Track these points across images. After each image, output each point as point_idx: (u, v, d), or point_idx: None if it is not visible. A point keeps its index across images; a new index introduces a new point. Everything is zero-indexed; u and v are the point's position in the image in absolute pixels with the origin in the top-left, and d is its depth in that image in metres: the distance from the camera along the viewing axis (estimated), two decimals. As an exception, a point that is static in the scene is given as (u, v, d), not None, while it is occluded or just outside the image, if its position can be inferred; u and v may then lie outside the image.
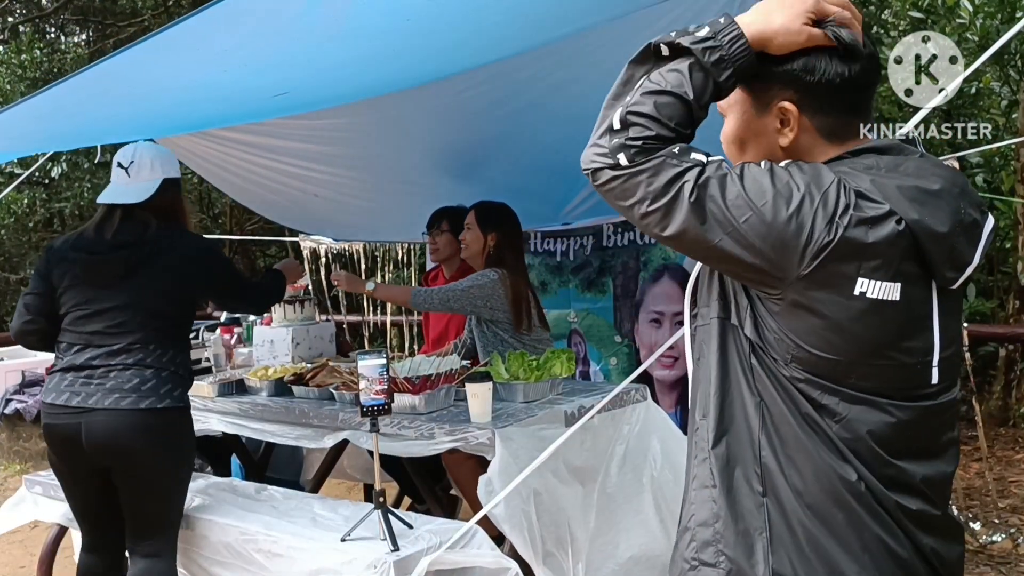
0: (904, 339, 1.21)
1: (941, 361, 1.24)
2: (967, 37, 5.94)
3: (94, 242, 2.71)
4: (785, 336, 1.20)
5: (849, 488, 1.20)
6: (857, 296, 1.17)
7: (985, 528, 4.31)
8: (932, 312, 1.23)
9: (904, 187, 1.19)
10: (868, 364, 1.20)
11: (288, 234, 7.94)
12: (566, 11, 2.58)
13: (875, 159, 1.24)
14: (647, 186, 1.20)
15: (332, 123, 3.82)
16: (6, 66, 8.55)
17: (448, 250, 3.99)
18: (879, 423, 1.21)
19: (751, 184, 1.18)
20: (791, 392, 1.22)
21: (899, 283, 1.18)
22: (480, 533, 2.45)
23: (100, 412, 2.55)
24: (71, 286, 2.68)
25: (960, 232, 1.22)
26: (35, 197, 9.30)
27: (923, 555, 1.25)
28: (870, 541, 1.21)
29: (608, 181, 1.23)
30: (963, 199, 1.24)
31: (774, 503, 1.22)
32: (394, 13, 2.29)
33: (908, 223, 1.17)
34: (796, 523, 1.21)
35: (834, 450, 1.21)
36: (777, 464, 1.23)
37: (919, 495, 1.25)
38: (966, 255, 1.23)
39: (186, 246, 2.76)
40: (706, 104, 1.24)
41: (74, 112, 2.87)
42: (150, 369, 2.62)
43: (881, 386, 1.21)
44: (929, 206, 1.19)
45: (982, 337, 6.40)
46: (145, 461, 2.61)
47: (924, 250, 1.18)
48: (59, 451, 2.67)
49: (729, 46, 1.22)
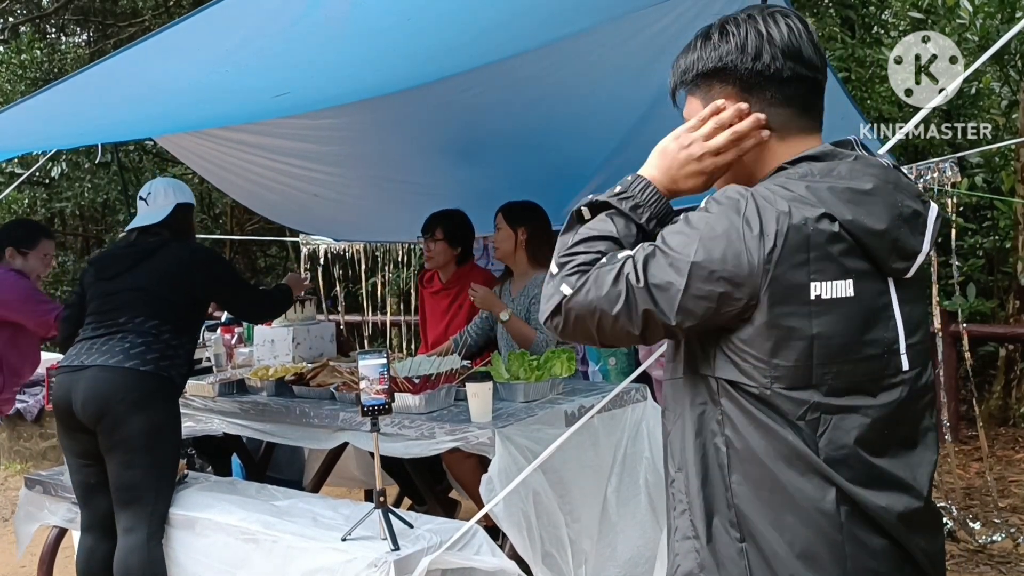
0: (867, 331, 1.25)
1: (909, 348, 1.28)
2: (967, 37, 5.95)
3: (112, 248, 3.18)
4: (762, 359, 1.23)
5: (830, 522, 1.23)
6: (814, 300, 1.22)
7: (985, 528, 4.32)
8: (892, 302, 1.28)
9: (836, 189, 1.25)
10: (839, 362, 1.23)
11: (288, 234, 7.95)
12: (567, 11, 2.58)
13: (809, 167, 1.29)
14: (598, 296, 1.26)
15: (332, 123, 3.83)
16: (6, 66, 8.56)
17: (443, 258, 3.98)
18: (861, 425, 1.24)
19: (677, 242, 1.24)
20: (770, 427, 1.24)
21: (850, 280, 1.23)
22: (480, 533, 2.45)
23: (90, 369, 2.88)
24: (92, 283, 3.12)
25: (901, 224, 1.27)
26: (35, 197, 9.31)
27: (913, 560, 1.27)
28: (855, 570, 1.23)
29: (566, 316, 1.29)
30: (898, 193, 1.29)
31: (753, 548, 1.25)
32: (395, 13, 2.29)
33: (842, 223, 1.22)
34: (778, 565, 1.24)
35: (816, 475, 1.23)
36: (753, 509, 1.25)
37: (905, 491, 1.27)
38: (912, 245, 1.28)
39: (189, 247, 3.16)
40: (632, 244, 1.32)
41: (75, 111, 2.87)
42: (143, 338, 2.94)
43: (855, 382, 1.25)
44: (864, 205, 1.24)
45: (982, 337, 6.40)
46: (121, 418, 2.82)
47: (865, 246, 1.24)
48: (59, 415, 2.94)
49: (640, 193, 1.34)
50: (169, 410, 2.97)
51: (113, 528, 2.90)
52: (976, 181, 6.84)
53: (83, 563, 2.97)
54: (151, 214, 3.18)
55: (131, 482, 2.85)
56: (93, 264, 3.27)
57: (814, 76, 1.34)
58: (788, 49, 1.31)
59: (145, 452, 2.85)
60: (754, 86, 1.32)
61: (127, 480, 2.85)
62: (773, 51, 1.31)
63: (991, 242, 6.97)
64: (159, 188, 3.23)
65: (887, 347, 1.26)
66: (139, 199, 3.27)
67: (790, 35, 1.31)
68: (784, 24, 1.32)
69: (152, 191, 3.23)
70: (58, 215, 10.66)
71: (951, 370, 5.84)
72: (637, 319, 1.25)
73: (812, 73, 1.33)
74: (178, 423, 3.01)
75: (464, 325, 3.89)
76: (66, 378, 2.91)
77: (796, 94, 1.33)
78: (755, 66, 1.31)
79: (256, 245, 10.52)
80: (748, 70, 1.32)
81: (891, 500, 1.25)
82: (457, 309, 4.04)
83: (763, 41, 1.31)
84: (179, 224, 3.19)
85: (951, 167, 4.09)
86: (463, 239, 4.01)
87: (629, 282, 1.24)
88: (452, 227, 3.97)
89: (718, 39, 1.35)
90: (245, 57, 2.43)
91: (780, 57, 1.31)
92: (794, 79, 1.32)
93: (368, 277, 6.76)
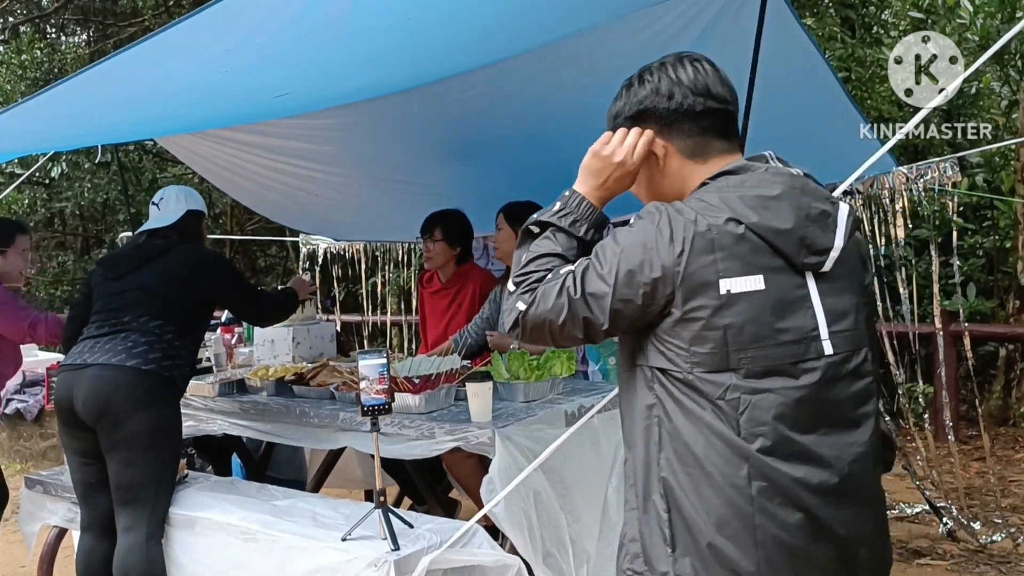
0: (778, 320, 1.41)
1: (832, 335, 1.44)
2: (967, 37, 5.95)
3: (120, 249, 3.23)
4: (683, 347, 1.41)
5: (741, 495, 1.38)
6: (724, 294, 1.40)
7: (985, 528, 4.32)
8: (810, 294, 1.44)
9: (746, 196, 1.44)
10: (754, 348, 1.40)
11: (288, 234, 7.95)
12: (568, 11, 2.58)
13: (725, 180, 1.50)
14: (545, 309, 1.48)
15: (333, 123, 3.82)
16: (6, 66, 8.56)
17: (442, 258, 3.99)
18: (781, 404, 1.39)
19: (605, 256, 1.46)
20: (693, 408, 1.41)
21: (759, 275, 1.41)
22: (480, 532, 2.45)
23: (92, 367, 2.88)
24: (98, 283, 3.15)
25: (808, 223, 1.45)
26: (35, 197, 9.31)
27: (828, 530, 1.40)
28: (764, 540, 1.38)
29: (523, 327, 1.52)
30: (805, 196, 1.47)
31: (678, 517, 1.42)
32: (395, 13, 2.29)
33: (748, 225, 1.41)
34: (697, 533, 1.40)
35: (731, 451, 1.39)
36: (677, 483, 1.42)
37: (824, 467, 1.40)
38: (822, 241, 1.46)
39: (197, 250, 3.18)
40: (575, 257, 1.54)
41: (75, 112, 2.87)
42: (145, 337, 2.94)
43: (774, 365, 1.40)
44: (771, 209, 1.44)
45: (982, 337, 6.40)
46: (123, 417, 2.82)
47: (773, 244, 1.42)
48: (60, 413, 2.95)
49: (576, 208, 1.60)
50: (170, 410, 2.97)
51: (113, 527, 2.90)
52: (976, 181, 6.84)
53: (83, 562, 2.98)
54: (161, 218, 3.21)
55: (131, 481, 2.85)
56: (101, 264, 3.30)
57: (724, 107, 1.56)
58: (695, 87, 1.54)
59: (146, 451, 2.85)
60: (672, 122, 1.55)
61: (127, 479, 2.85)
62: (683, 91, 1.54)
63: (991, 242, 6.97)
64: (171, 194, 3.28)
65: (806, 334, 1.42)
66: (151, 204, 3.31)
67: (696, 75, 1.55)
68: (691, 67, 1.56)
69: (164, 197, 3.27)
70: (58, 215, 10.66)
71: (951, 370, 5.84)
72: (579, 324, 1.46)
73: (722, 105, 1.56)
74: (179, 423, 3.01)
75: (464, 325, 3.89)
76: (68, 376, 2.92)
77: (710, 124, 1.56)
78: (670, 105, 1.55)
79: (256, 245, 10.52)
80: (665, 109, 1.55)
81: (807, 473, 1.39)
82: (457, 309, 4.04)
83: (674, 84, 1.55)
84: (188, 229, 3.22)
85: (951, 167, 4.09)
86: (462, 239, 4.02)
87: (569, 294, 1.46)
88: (451, 227, 3.97)
89: (638, 86, 1.59)
90: (245, 57, 2.43)
91: (690, 95, 1.54)
92: (706, 112, 1.55)
93: (368, 277, 6.77)
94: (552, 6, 2.53)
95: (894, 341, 4.38)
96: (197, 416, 3.40)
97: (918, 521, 4.56)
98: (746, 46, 2.79)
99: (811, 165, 3.22)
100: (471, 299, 3.97)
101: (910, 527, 4.48)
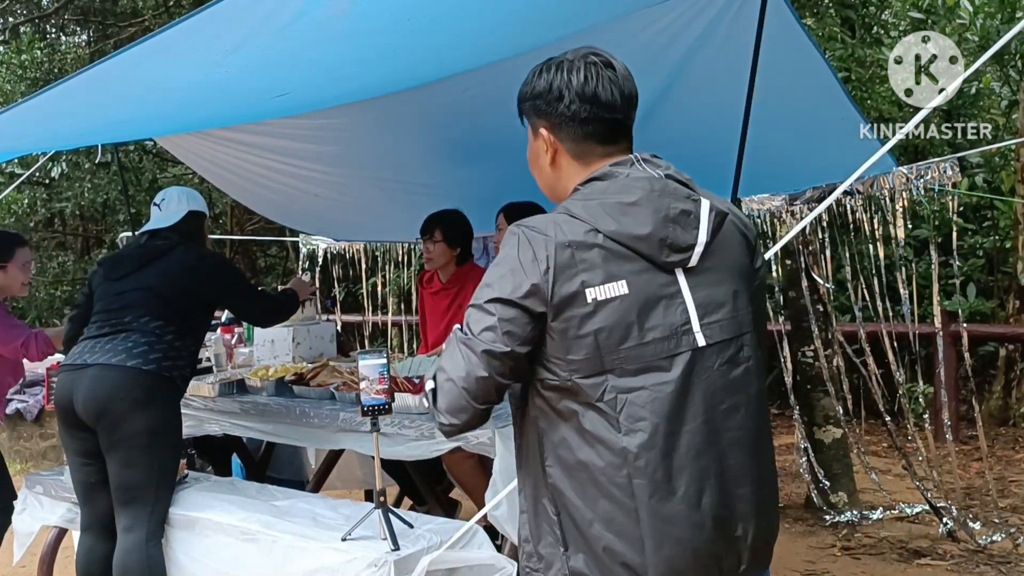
0: (645, 320, 1.47)
1: (705, 326, 1.50)
2: (967, 37, 5.95)
3: (122, 250, 3.23)
4: (561, 356, 1.47)
5: (623, 493, 1.45)
6: (590, 303, 1.45)
7: (985, 528, 4.32)
8: (680, 290, 1.50)
9: (606, 204, 1.50)
10: (625, 349, 1.46)
11: (288, 234, 7.95)
12: (568, 11, 2.58)
13: (592, 186, 1.54)
14: (461, 377, 1.52)
15: (333, 123, 3.82)
16: (6, 66, 8.55)
17: (442, 259, 3.99)
18: (655, 398, 1.46)
19: (480, 296, 1.53)
20: (574, 413, 1.48)
21: (622, 280, 1.47)
22: (480, 533, 2.45)
23: (92, 367, 2.89)
24: (100, 283, 3.15)
25: (668, 224, 1.50)
26: (35, 197, 9.30)
27: (712, 516, 1.47)
28: (649, 533, 1.45)
29: (466, 425, 1.58)
30: (664, 198, 1.52)
31: (567, 517, 1.50)
32: (395, 12, 2.29)
33: (606, 233, 1.47)
34: (586, 529, 1.48)
35: (611, 453, 1.46)
36: (564, 486, 1.50)
37: (704, 454, 1.48)
38: (684, 239, 1.51)
39: (198, 251, 3.19)
40: None
41: (75, 112, 2.87)
42: (146, 337, 2.95)
43: (646, 363, 1.47)
44: (629, 215, 1.49)
45: (982, 337, 6.41)
46: (122, 417, 2.83)
47: (633, 249, 1.48)
48: (60, 413, 2.95)
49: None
50: (170, 410, 2.97)
51: (113, 528, 2.91)
52: (976, 181, 6.84)
53: (83, 563, 2.98)
54: (163, 218, 3.22)
55: (131, 481, 2.85)
56: (102, 264, 3.30)
57: (610, 116, 1.57)
58: (583, 94, 1.55)
59: (145, 451, 2.85)
60: (560, 123, 1.59)
61: (127, 479, 2.85)
62: (571, 95, 1.56)
63: (991, 242, 6.97)
64: (173, 195, 3.28)
65: (675, 329, 1.48)
66: (152, 205, 3.31)
67: (587, 80, 1.55)
68: (585, 71, 1.56)
69: (166, 198, 3.27)
70: (58, 215, 10.66)
71: (951, 370, 5.84)
72: (495, 365, 1.48)
73: (608, 114, 1.57)
74: (179, 423, 3.01)
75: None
76: (68, 376, 2.93)
77: (593, 131, 1.58)
78: (558, 108, 1.58)
79: (256, 245, 10.52)
80: (554, 110, 1.58)
81: (685, 463, 1.46)
82: (457, 309, 4.04)
83: (564, 86, 1.57)
84: (189, 230, 3.22)
85: (951, 167, 4.09)
86: (462, 239, 4.02)
87: (469, 345, 1.50)
88: (451, 228, 3.97)
89: (537, 79, 1.62)
90: (245, 57, 2.42)
91: (577, 101, 1.55)
92: (591, 119, 1.56)
93: (368, 277, 6.77)
94: (552, 6, 2.52)
95: (894, 341, 4.39)
96: (197, 416, 3.40)
97: (918, 521, 4.56)
98: (746, 46, 2.79)
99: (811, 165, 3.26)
100: (472, 299, 3.97)
101: (910, 527, 4.48)
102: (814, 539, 4.40)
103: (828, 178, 4.06)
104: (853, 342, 5.12)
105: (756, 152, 2.92)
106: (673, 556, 1.45)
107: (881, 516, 4.63)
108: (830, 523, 4.56)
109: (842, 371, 4.75)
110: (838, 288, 5.63)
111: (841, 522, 4.56)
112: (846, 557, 4.15)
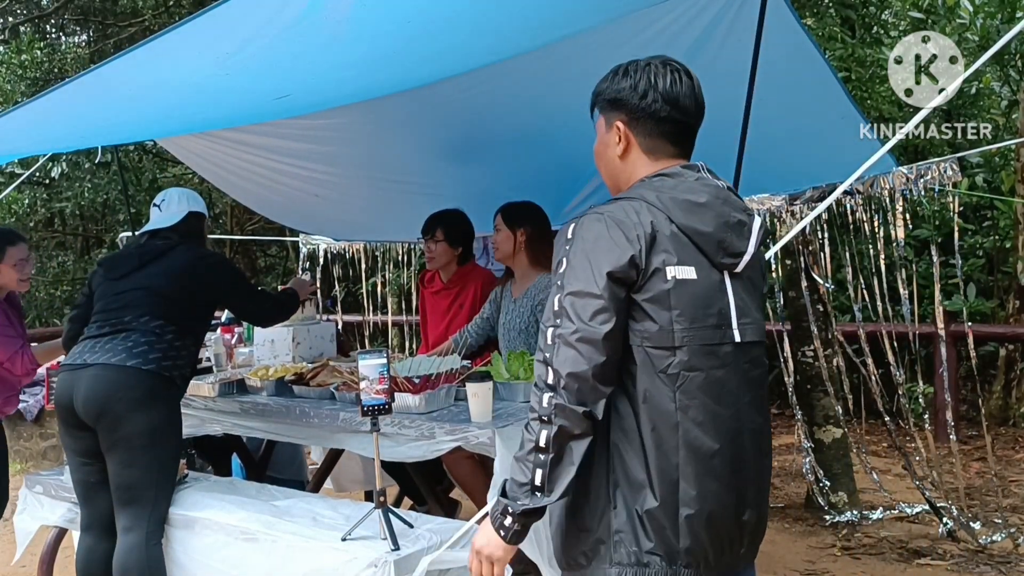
0: (707, 305, 1.64)
1: (740, 325, 1.68)
2: (967, 37, 5.95)
3: (122, 249, 3.23)
4: (639, 326, 1.61)
5: (670, 463, 1.60)
6: (670, 280, 1.61)
7: (985, 528, 4.31)
8: (726, 288, 1.68)
9: (677, 199, 1.66)
10: (690, 327, 1.61)
11: (288, 234, 7.95)
12: (568, 11, 2.58)
13: (662, 180, 1.70)
14: (582, 358, 1.59)
15: (333, 123, 3.82)
16: (6, 66, 8.55)
17: (444, 258, 3.99)
18: (705, 379, 1.62)
19: (575, 281, 1.60)
20: (640, 381, 1.61)
21: (692, 267, 1.64)
22: (480, 533, 2.44)
23: (92, 367, 2.89)
24: (99, 283, 3.16)
25: (727, 230, 1.68)
26: (35, 197, 9.31)
27: (736, 495, 1.65)
28: (687, 501, 1.61)
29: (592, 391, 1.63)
30: (726, 206, 1.70)
31: (622, 479, 1.63)
32: (395, 15, 2.29)
33: (678, 224, 1.64)
34: (633, 495, 1.62)
35: (667, 422, 1.61)
36: (620, 449, 1.63)
37: (732, 440, 1.64)
38: (737, 246, 1.69)
39: (198, 251, 3.19)
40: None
41: (75, 114, 2.87)
42: (146, 337, 2.95)
43: (704, 344, 1.62)
44: (697, 213, 1.66)
45: (982, 337, 6.40)
46: (122, 416, 2.83)
47: (696, 244, 1.65)
48: (60, 413, 2.95)
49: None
50: (170, 410, 2.98)
51: (113, 527, 2.91)
52: (976, 181, 6.85)
53: (83, 562, 2.98)
54: (163, 219, 3.22)
55: (131, 481, 2.85)
56: (102, 264, 3.30)
57: (685, 120, 1.75)
58: (667, 95, 1.71)
59: (145, 451, 2.85)
60: (640, 117, 1.74)
61: (127, 479, 2.85)
62: (656, 95, 1.71)
63: (991, 242, 6.98)
64: (173, 196, 3.29)
65: (724, 320, 1.66)
66: (152, 206, 3.32)
67: (672, 85, 1.72)
68: (670, 76, 1.72)
69: (166, 199, 3.28)
70: (58, 215, 10.67)
71: (952, 370, 5.84)
72: (613, 347, 1.58)
73: (683, 117, 1.74)
74: (179, 423, 3.02)
75: (464, 325, 3.89)
76: (68, 376, 2.93)
77: (669, 130, 1.74)
78: (641, 103, 1.72)
79: (256, 245, 10.53)
80: (636, 105, 1.73)
81: (717, 442, 1.62)
82: (458, 309, 4.04)
83: (650, 86, 1.72)
84: (189, 230, 3.22)
85: (951, 167, 4.09)
86: (463, 239, 4.02)
87: (584, 335, 1.56)
88: (452, 227, 3.97)
89: (622, 77, 1.75)
90: (246, 59, 2.43)
91: (660, 100, 1.71)
92: (668, 119, 1.73)
93: (368, 277, 6.77)
94: (552, 6, 2.52)
95: (894, 341, 4.39)
96: (197, 416, 3.40)
97: (918, 521, 4.56)
98: (746, 46, 2.79)
99: (811, 165, 3.27)
100: (472, 299, 3.97)
101: (910, 527, 4.48)
102: (814, 539, 4.40)
103: (828, 178, 4.06)
104: (853, 342, 5.12)
105: (756, 152, 2.92)
106: (699, 532, 1.60)
107: (881, 516, 4.63)
108: (830, 523, 4.57)
109: (842, 371, 4.75)
110: (838, 288, 5.64)
111: (841, 522, 4.56)
112: (846, 557, 4.15)
